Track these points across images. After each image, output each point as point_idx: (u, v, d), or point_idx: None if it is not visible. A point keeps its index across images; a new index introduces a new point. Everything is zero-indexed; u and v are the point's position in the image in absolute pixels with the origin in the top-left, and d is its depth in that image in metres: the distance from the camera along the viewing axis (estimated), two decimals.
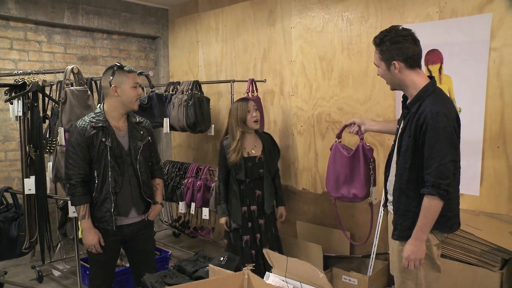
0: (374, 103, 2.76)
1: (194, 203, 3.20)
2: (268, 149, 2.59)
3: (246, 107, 2.49)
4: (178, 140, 4.23)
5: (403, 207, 1.63)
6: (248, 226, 2.55)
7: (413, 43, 1.59)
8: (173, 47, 4.16)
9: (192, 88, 3.18)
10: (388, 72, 1.64)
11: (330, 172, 2.12)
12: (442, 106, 1.52)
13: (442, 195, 1.48)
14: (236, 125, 2.51)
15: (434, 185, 1.48)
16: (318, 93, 3.05)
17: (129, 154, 2.03)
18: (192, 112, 3.12)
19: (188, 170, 3.37)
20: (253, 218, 2.55)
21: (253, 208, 2.56)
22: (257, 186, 2.56)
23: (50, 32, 3.49)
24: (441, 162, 1.47)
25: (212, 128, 3.32)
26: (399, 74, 1.62)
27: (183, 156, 4.13)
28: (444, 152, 1.48)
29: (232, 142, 2.51)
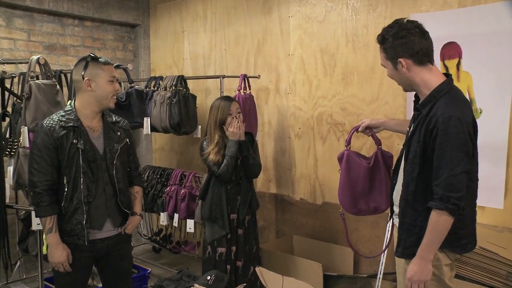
0: (382, 103, 2.76)
1: (178, 214, 3.18)
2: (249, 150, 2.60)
3: (227, 108, 2.49)
4: (160, 143, 4.20)
5: (408, 221, 1.62)
6: (227, 236, 2.56)
7: (420, 36, 1.59)
8: (155, 37, 4.14)
9: (177, 84, 3.18)
10: (396, 71, 1.65)
11: (345, 186, 2.05)
12: (457, 109, 1.52)
13: (452, 210, 1.47)
14: (214, 127, 2.52)
15: (443, 199, 1.47)
16: (319, 91, 3.05)
17: (104, 158, 2.02)
18: (176, 111, 3.11)
19: (171, 176, 3.36)
20: (231, 228, 2.56)
21: (233, 216, 2.57)
22: (238, 192, 2.58)
23: (10, 15, 3.39)
24: (451, 173, 1.47)
25: (199, 130, 3.32)
26: (408, 72, 1.62)
27: (166, 161, 4.11)
28: (455, 161, 1.47)
29: (209, 144, 2.52)
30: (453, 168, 1.47)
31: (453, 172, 1.46)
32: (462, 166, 1.48)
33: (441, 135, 1.48)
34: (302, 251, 3.12)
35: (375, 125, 2.02)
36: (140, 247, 4.12)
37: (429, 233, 1.52)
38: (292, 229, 3.25)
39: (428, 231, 1.52)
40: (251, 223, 2.64)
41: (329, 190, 3.05)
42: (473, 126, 1.55)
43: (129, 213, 2.11)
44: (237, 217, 2.57)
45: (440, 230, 1.51)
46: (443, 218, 1.49)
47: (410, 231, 1.62)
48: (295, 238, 3.20)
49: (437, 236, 1.52)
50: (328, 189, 3.06)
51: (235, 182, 2.58)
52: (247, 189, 2.60)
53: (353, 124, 2.87)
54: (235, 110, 2.52)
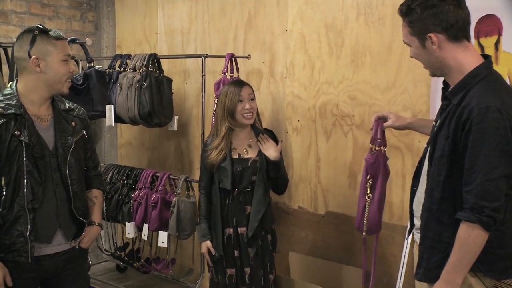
0: (400, 90, 2.74)
1: (148, 225, 3.20)
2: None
3: (237, 94, 2.53)
4: (127, 137, 4.19)
5: (431, 236, 1.63)
6: (233, 256, 2.58)
7: (456, 5, 1.59)
8: (122, 5, 4.11)
9: (148, 65, 3.18)
10: (424, 50, 1.65)
11: (379, 199, 2.04)
12: (496, 98, 1.51)
13: (486, 223, 1.47)
14: (222, 118, 2.56)
15: (475, 208, 1.47)
16: (323, 76, 3.03)
17: (55, 154, 2.01)
18: (147, 98, 3.13)
19: (140, 178, 3.37)
20: (240, 245, 2.59)
21: (242, 230, 2.60)
22: (248, 200, 2.60)
23: None
24: (487, 177, 1.46)
25: (175, 121, 3.33)
26: (439, 51, 1.62)
27: (134, 159, 4.10)
28: (493, 163, 1.47)
29: (214, 139, 2.57)
30: (489, 171, 1.46)
31: (489, 176, 1.46)
32: (501, 169, 1.47)
33: (476, 130, 1.48)
34: (300, 272, 3.11)
35: (399, 126, 2.05)
36: (100, 265, 4.08)
37: (457, 251, 1.51)
38: (288, 245, 3.24)
39: (456, 248, 1.51)
40: (266, 242, 2.65)
41: (333, 196, 3.05)
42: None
43: (85, 223, 2.10)
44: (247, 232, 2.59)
45: (470, 248, 1.50)
46: (475, 233, 1.48)
47: (434, 249, 1.62)
48: (292, 256, 3.20)
49: (467, 255, 1.50)
50: (332, 195, 3.06)
51: (242, 187, 2.59)
52: (261, 200, 2.60)
53: (364, 117, 2.85)
54: (247, 96, 2.56)
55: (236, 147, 2.60)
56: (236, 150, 2.60)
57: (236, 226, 2.59)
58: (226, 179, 2.53)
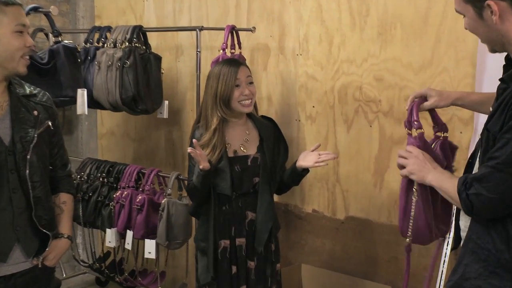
0: (438, 70, 2.69)
1: (132, 232, 3.18)
2: (269, 145, 2.61)
3: (233, 77, 2.48)
4: (109, 125, 4.20)
5: (475, 239, 1.65)
6: (230, 273, 2.55)
7: None
8: None
9: (132, 39, 3.16)
10: (481, 22, 1.63)
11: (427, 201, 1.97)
12: None
13: (462, 196, 1.61)
14: (213, 106, 2.52)
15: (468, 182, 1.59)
16: (343, 53, 3.00)
17: (12, 151, 2.00)
18: (130, 79, 3.11)
19: (123, 175, 3.36)
20: (238, 259, 2.56)
21: (240, 241, 2.57)
22: (249, 205, 2.57)
23: None
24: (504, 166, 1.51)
25: (165, 107, 3.33)
26: (500, 23, 1.59)
27: (117, 152, 4.10)
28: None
29: (204, 134, 2.52)
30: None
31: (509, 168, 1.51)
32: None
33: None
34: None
35: (443, 106, 2.07)
36: (77, 278, 4.08)
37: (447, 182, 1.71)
38: (301, 255, 3.25)
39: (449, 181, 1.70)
40: (269, 255, 2.63)
41: (355, 198, 3.04)
42: None
43: (50, 236, 2.10)
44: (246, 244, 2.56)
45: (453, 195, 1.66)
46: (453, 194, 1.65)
47: (475, 255, 1.63)
48: (305, 269, 3.18)
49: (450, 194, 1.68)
50: (354, 197, 3.04)
51: (243, 190, 2.55)
52: (270, 207, 2.57)
53: (393, 102, 2.81)
54: (245, 79, 2.51)
55: (231, 142, 2.55)
56: (231, 146, 2.54)
57: (234, 237, 2.54)
58: (225, 182, 2.48)
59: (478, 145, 1.76)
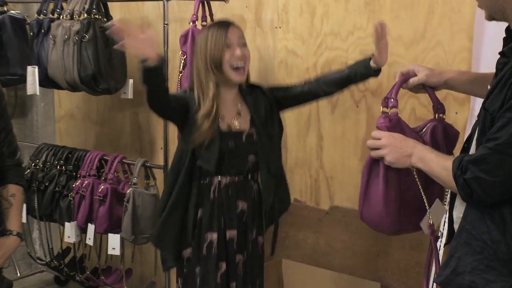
0: (432, 44, 2.68)
1: (94, 226, 3.18)
2: (262, 117, 2.53)
3: (223, 35, 2.43)
4: (68, 106, 4.15)
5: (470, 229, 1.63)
6: (217, 269, 2.49)
7: None
8: None
9: (91, 10, 3.13)
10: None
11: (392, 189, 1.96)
12: None
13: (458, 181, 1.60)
14: (206, 71, 2.46)
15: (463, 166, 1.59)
16: (327, 25, 2.98)
17: None
18: (90, 55, 3.09)
19: (83, 163, 3.35)
20: (228, 253, 2.51)
21: (231, 234, 2.51)
22: (241, 192, 2.52)
23: None
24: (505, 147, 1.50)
25: (130, 86, 3.31)
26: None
27: (77, 137, 4.06)
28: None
29: (202, 100, 2.44)
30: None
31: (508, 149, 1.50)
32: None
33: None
34: (296, 285, 3.15)
35: (434, 83, 2.05)
36: (34, 276, 4.07)
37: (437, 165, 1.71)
38: (282, 250, 3.21)
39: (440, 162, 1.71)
40: (256, 245, 2.59)
41: (341, 186, 3.03)
42: None
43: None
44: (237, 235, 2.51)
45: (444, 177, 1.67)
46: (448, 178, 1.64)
47: (469, 247, 1.62)
48: (286, 264, 3.21)
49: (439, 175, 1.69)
50: (339, 184, 3.04)
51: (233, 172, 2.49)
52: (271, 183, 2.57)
53: (382, 80, 2.76)
54: (237, 41, 2.45)
55: (224, 114, 2.48)
56: (224, 119, 2.47)
57: (223, 229, 2.48)
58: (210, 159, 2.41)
59: (474, 127, 1.74)
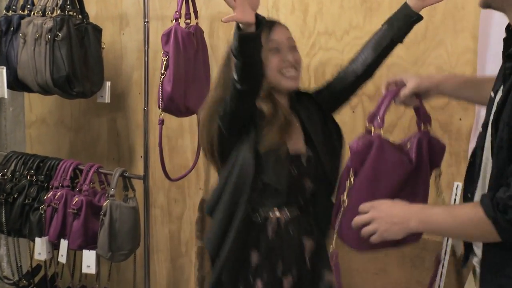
0: (433, 44, 2.66)
1: (67, 241, 3.14)
2: (319, 133, 2.24)
3: (266, 38, 2.12)
4: (39, 111, 4.11)
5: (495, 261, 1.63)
6: None
7: None
8: None
9: (65, 6, 3.12)
10: None
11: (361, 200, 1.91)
12: None
13: (501, 226, 1.53)
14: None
15: (499, 203, 1.53)
16: (320, 24, 2.97)
17: None
18: (63, 55, 3.07)
19: (56, 172, 3.31)
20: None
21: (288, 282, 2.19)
22: (304, 226, 2.21)
23: None
24: None
25: (107, 89, 3.32)
26: None
27: (49, 144, 4.02)
28: None
29: (262, 104, 2.14)
30: None
31: None
32: None
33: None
34: None
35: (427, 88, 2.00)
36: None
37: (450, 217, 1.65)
38: None
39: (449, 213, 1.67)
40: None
41: None
42: None
43: None
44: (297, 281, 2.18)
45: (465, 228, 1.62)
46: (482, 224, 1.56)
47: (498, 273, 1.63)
48: None
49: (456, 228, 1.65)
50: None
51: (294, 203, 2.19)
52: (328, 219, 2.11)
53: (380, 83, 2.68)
54: (287, 42, 2.21)
55: None
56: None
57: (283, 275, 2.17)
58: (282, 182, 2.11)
59: (480, 140, 1.73)
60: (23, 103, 4.11)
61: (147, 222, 3.09)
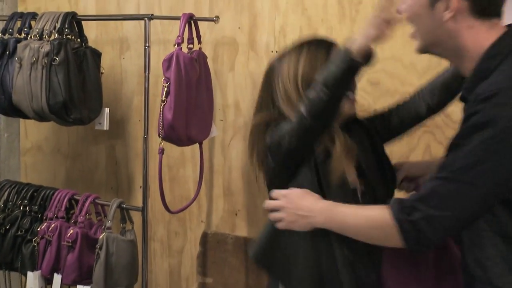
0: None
1: (61, 276, 3.10)
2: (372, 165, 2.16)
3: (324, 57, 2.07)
4: (35, 138, 4.10)
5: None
6: None
7: None
8: None
9: (63, 29, 3.11)
10: (429, 11, 1.71)
11: None
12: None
13: (404, 227, 1.60)
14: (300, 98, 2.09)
15: (407, 206, 1.61)
16: None
17: None
18: (60, 80, 3.06)
19: (51, 203, 3.28)
20: None
21: None
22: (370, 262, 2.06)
23: None
24: (458, 174, 1.54)
25: (106, 116, 3.31)
26: (452, 22, 1.66)
27: (45, 173, 4.02)
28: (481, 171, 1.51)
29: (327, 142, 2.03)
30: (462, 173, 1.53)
31: (458, 177, 1.54)
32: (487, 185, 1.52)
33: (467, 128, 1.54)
34: None
35: (418, 173, 2.20)
36: None
37: (358, 218, 1.77)
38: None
39: (358, 213, 1.78)
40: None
41: None
42: None
43: None
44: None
45: (371, 229, 1.73)
46: (387, 226, 1.63)
47: None
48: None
49: (362, 229, 1.76)
50: None
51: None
52: None
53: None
54: None
55: None
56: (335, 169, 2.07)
57: None
58: None
59: None
60: (19, 129, 4.12)
61: (145, 256, 3.08)
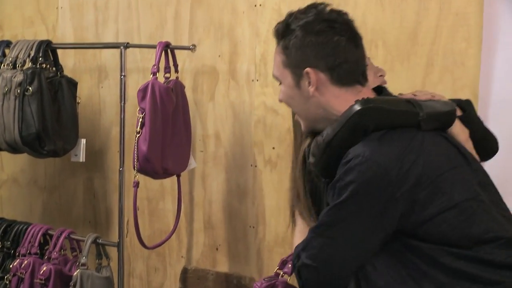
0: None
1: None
2: None
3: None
4: (11, 169, 4.13)
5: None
6: None
7: (349, 39, 1.80)
8: None
9: (37, 58, 3.17)
10: (297, 91, 1.83)
11: None
12: (373, 147, 1.64)
13: (296, 273, 1.72)
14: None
15: (296, 252, 1.73)
16: None
17: None
18: (33, 111, 3.10)
19: (24, 238, 3.30)
20: None
21: None
22: None
23: None
24: (324, 229, 1.66)
25: (82, 147, 3.36)
26: (318, 95, 1.79)
27: (21, 206, 4.03)
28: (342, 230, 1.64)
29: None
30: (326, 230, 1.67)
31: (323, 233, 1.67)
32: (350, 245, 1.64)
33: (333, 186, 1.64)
34: None
35: None
36: None
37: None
38: None
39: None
40: None
41: None
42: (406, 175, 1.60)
43: None
44: None
45: None
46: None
47: None
48: None
49: None
50: None
51: None
52: None
53: None
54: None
55: None
56: None
57: None
58: None
59: None
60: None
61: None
